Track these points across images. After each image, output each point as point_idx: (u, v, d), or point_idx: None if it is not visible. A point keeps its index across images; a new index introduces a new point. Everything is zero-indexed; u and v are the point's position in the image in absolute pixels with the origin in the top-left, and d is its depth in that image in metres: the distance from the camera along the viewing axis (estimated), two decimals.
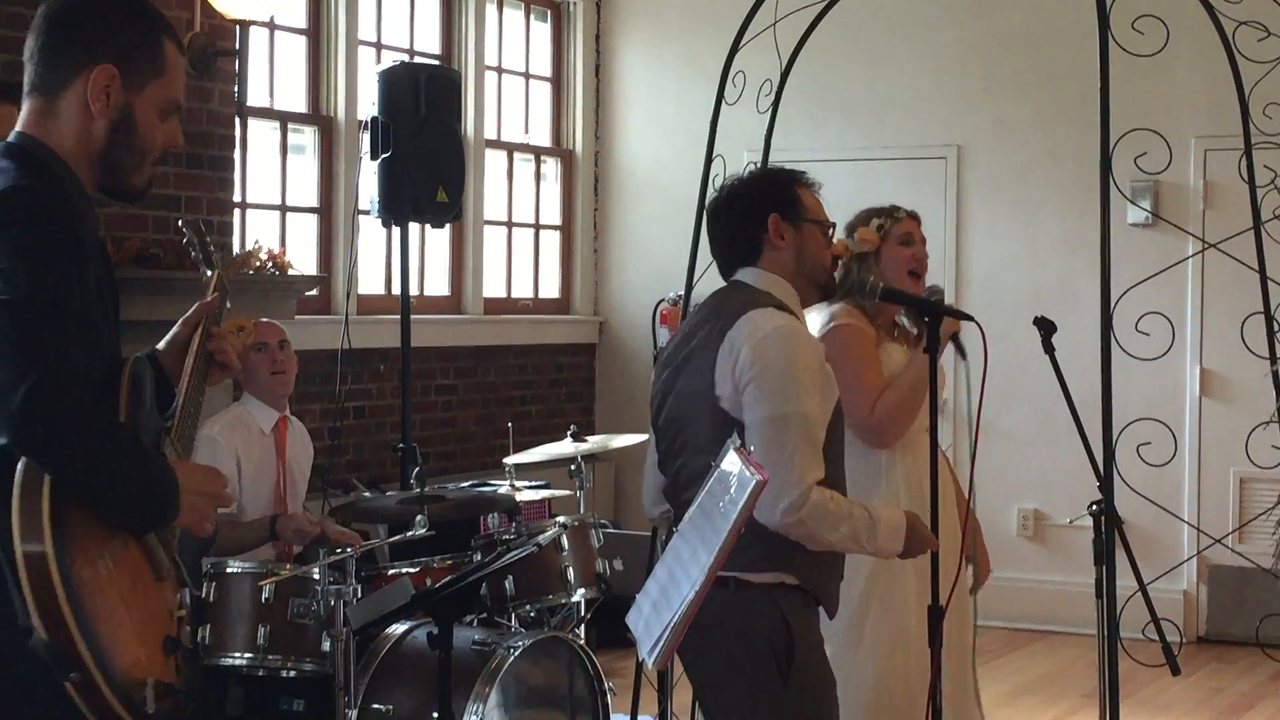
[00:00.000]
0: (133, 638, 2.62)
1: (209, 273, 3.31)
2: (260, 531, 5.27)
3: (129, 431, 2.68)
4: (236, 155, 7.31)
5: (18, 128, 2.76)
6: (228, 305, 3.25)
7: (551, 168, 9.90)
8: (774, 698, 3.60)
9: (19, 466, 2.55)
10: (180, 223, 3.56)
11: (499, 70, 9.40)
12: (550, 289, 9.89)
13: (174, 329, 3.10)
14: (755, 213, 3.77)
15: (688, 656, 3.70)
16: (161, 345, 3.09)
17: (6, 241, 2.56)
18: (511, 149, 9.53)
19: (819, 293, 3.89)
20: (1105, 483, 4.51)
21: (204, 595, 4.83)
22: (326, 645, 4.84)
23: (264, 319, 5.75)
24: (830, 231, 3.86)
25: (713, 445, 3.43)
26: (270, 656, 4.86)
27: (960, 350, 4.43)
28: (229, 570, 4.91)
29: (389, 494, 6.16)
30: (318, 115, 8.18)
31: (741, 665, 3.60)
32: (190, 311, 3.11)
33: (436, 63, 8.74)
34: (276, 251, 7.24)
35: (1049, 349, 4.40)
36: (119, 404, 2.71)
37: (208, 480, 2.82)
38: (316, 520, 5.44)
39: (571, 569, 5.35)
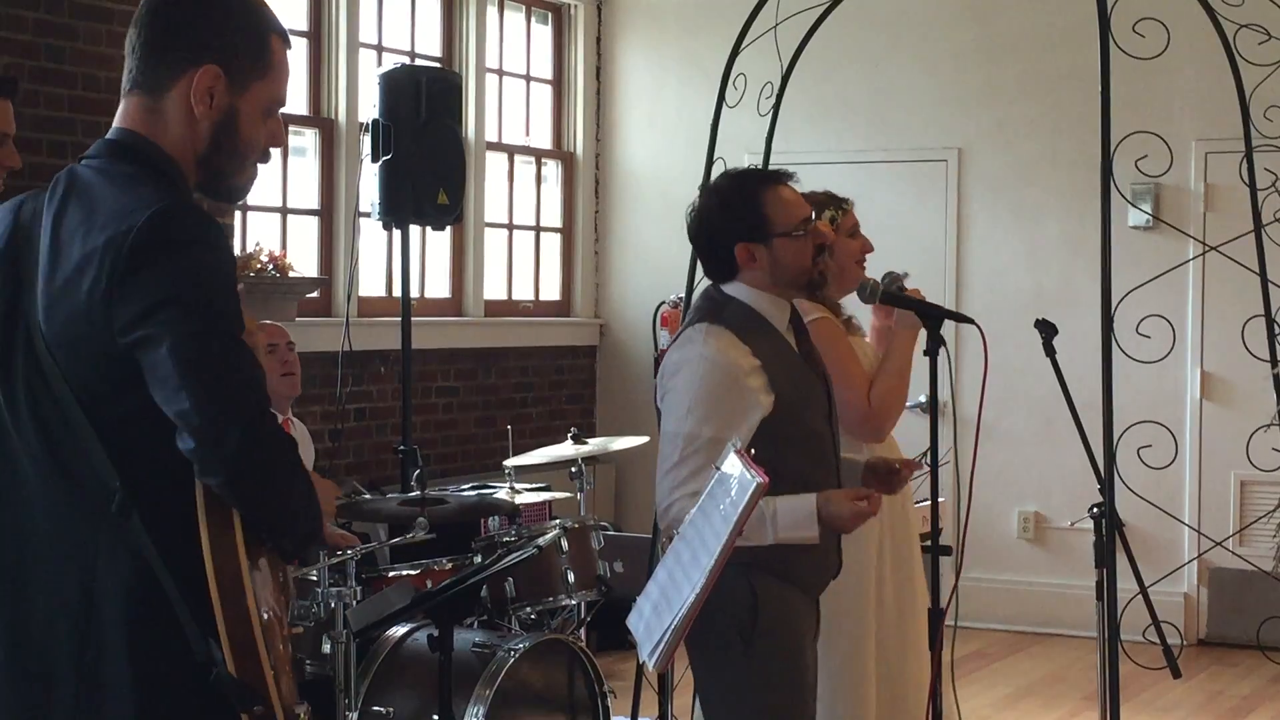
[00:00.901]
0: (288, 660, 2.55)
1: None
2: None
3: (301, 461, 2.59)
4: None
5: (120, 123, 2.63)
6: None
7: (552, 170, 9.91)
8: (736, 666, 3.66)
9: (199, 488, 2.45)
10: None
11: (500, 73, 9.41)
12: (551, 291, 9.89)
13: None
14: (721, 245, 3.81)
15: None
16: None
17: (175, 264, 2.44)
18: (512, 151, 9.53)
19: (803, 290, 3.92)
20: (1106, 485, 4.51)
21: None
22: (327, 647, 4.84)
23: (267, 321, 5.75)
24: (807, 225, 3.83)
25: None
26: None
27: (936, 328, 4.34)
28: None
29: (389, 496, 6.15)
30: (319, 117, 8.18)
31: (707, 633, 3.62)
32: None
33: (437, 65, 8.74)
34: (277, 254, 7.25)
35: (1050, 351, 4.40)
36: None
37: (330, 499, 2.73)
38: (336, 487, 5.43)
39: (572, 571, 5.35)
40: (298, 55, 8.12)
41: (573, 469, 6.19)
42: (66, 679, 2.49)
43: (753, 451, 3.18)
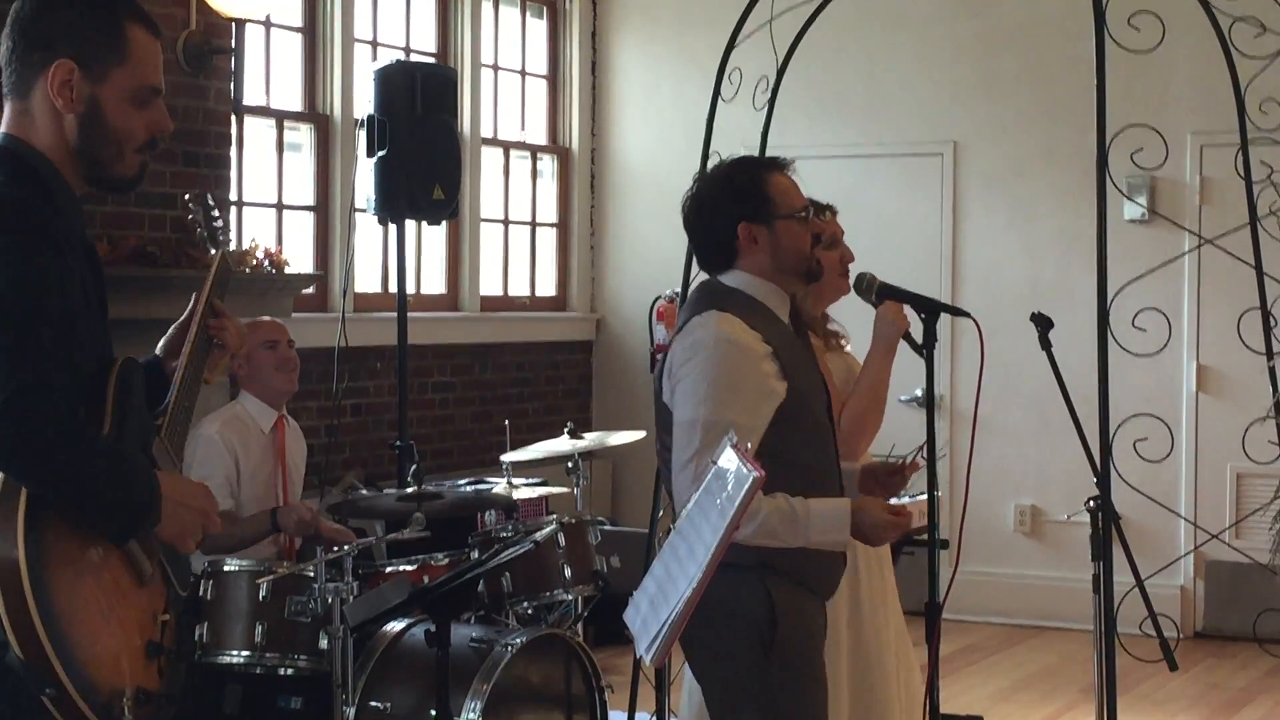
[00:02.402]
0: (111, 647, 2.59)
1: (213, 251, 3.24)
2: (260, 525, 5.25)
3: (105, 441, 2.64)
4: (232, 153, 7.31)
5: (2, 129, 2.75)
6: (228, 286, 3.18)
7: (548, 165, 9.90)
8: (755, 673, 3.62)
9: None
10: (187, 197, 3.50)
11: (495, 68, 9.40)
12: (547, 286, 9.89)
13: (168, 333, 3.08)
14: (723, 223, 3.75)
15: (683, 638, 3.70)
16: (159, 350, 3.06)
17: None
18: (508, 146, 9.53)
19: (803, 280, 3.87)
20: (1102, 478, 4.52)
21: (201, 593, 4.84)
22: (324, 643, 4.84)
23: (267, 317, 5.74)
24: (808, 215, 3.83)
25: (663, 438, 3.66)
26: (268, 654, 4.86)
27: (916, 348, 4.30)
28: (226, 568, 4.91)
29: (386, 491, 6.15)
30: (314, 113, 8.18)
31: (723, 640, 3.61)
32: (184, 314, 3.08)
33: (433, 60, 8.74)
34: (273, 250, 7.24)
35: (1046, 345, 4.40)
36: (106, 406, 2.68)
37: (195, 495, 2.78)
38: (315, 509, 5.44)
39: (569, 566, 5.35)
40: (293, 51, 8.11)
41: (569, 464, 6.19)
42: None
43: (749, 446, 3.17)
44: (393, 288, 7.53)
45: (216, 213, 3.44)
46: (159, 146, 2.81)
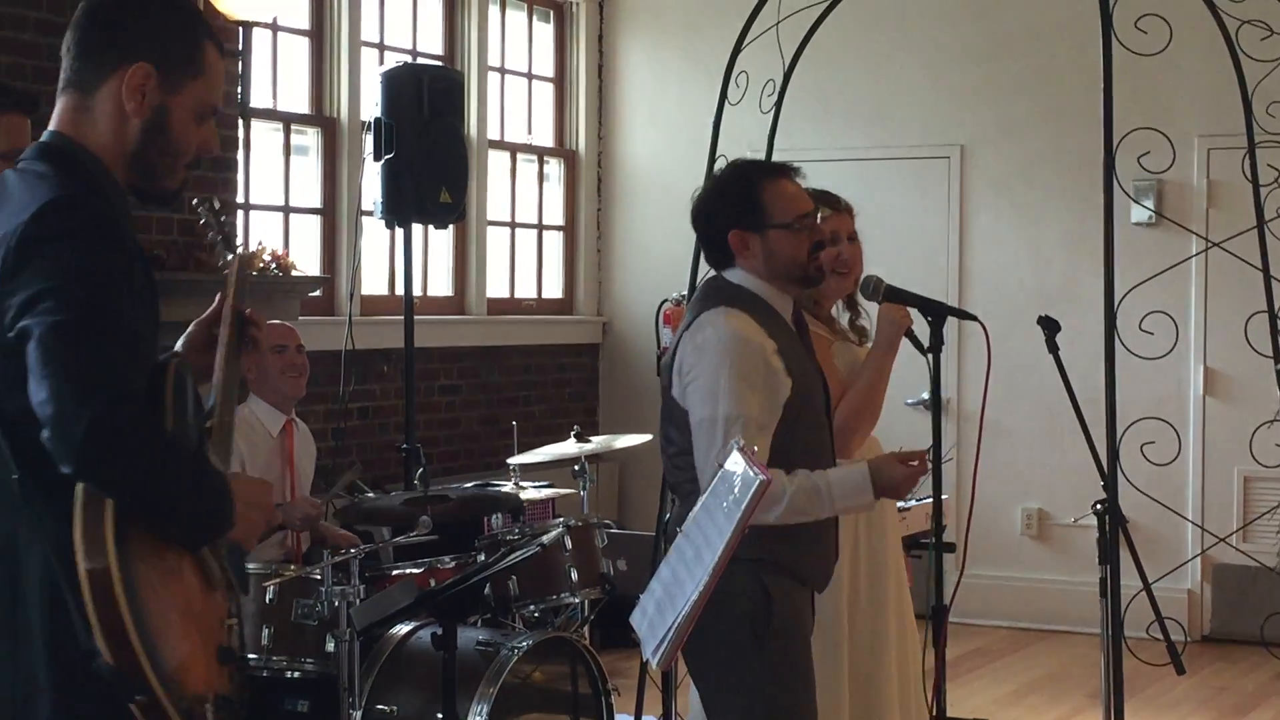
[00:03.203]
0: (192, 652, 2.55)
1: (228, 256, 3.18)
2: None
3: (186, 449, 2.61)
4: (240, 156, 7.32)
5: (52, 125, 2.69)
6: (248, 291, 3.14)
7: (555, 168, 9.90)
8: (748, 664, 3.64)
9: (79, 484, 2.48)
10: (195, 202, 3.42)
11: (502, 71, 9.40)
12: (553, 289, 9.89)
13: (189, 329, 3.03)
14: (716, 231, 3.82)
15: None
16: (180, 347, 3.02)
17: (54, 257, 2.49)
18: (514, 149, 9.53)
19: (799, 286, 3.88)
20: (1109, 482, 4.51)
21: None
22: (331, 646, 4.84)
23: (275, 321, 5.75)
24: (804, 224, 3.82)
25: (682, 441, 3.68)
26: (275, 657, 4.87)
27: (919, 346, 4.29)
28: None
29: (393, 494, 6.16)
30: (321, 116, 8.18)
31: (717, 630, 3.61)
32: (209, 310, 3.03)
33: (439, 63, 8.74)
34: (280, 252, 7.25)
35: (1053, 348, 4.40)
36: (164, 410, 2.63)
37: (260, 493, 2.75)
38: (319, 505, 5.43)
39: (575, 569, 5.35)
40: (300, 54, 8.12)
41: (576, 467, 6.19)
42: (4, 664, 2.57)
43: (755, 449, 3.17)
44: (399, 291, 7.53)
45: (226, 217, 3.42)
46: (198, 166, 2.80)
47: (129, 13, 2.68)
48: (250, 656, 4.83)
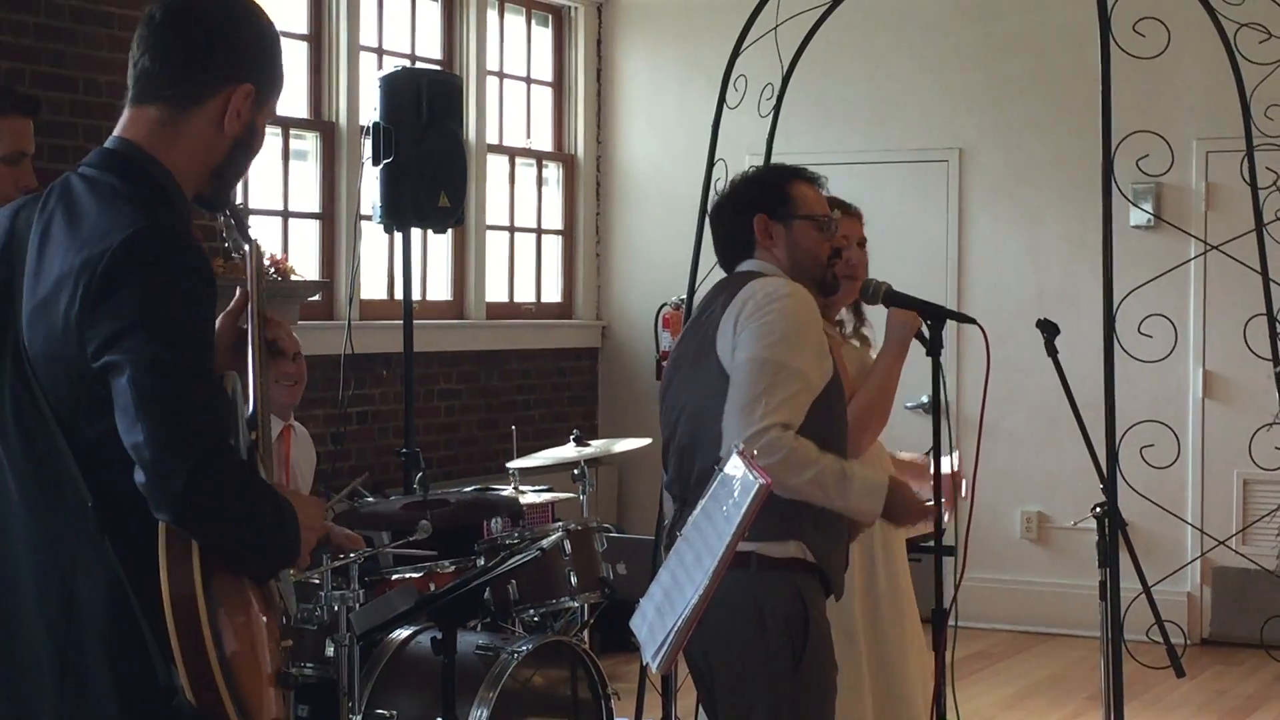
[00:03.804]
0: (263, 684, 2.50)
1: (244, 246, 3.03)
2: None
3: (268, 485, 2.56)
4: None
5: (122, 133, 2.61)
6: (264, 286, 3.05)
7: (553, 172, 9.91)
8: (784, 678, 3.62)
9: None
10: None
11: (500, 75, 9.41)
12: (552, 293, 9.89)
13: (216, 327, 2.91)
14: (742, 215, 3.84)
15: (699, 636, 3.66)
16: None
17: (146, 290, 2.41)
18: (513, 154, 9.53)
19: (816, 288, 3.88)
20: (1108, 485, 4.51)
21: None
22: (330, 650, 4.83)
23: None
24: (828, 224, 3.86)
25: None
26: None
27: (927, 345, 4.28)
28: None
29: (392, 499, 6.15)
30: (319, 120, 8.18)
31: (757, 646, 3.61)
32: (233, 303, 2.91)
33: (438, 68, 8.74)
34: (279, 257, 7.24)
35: (1052, 351, 4.40)
36: (233, 432, 2.58)
37: (315, 514, 2.69)
38: (322, 502, 5.41)
39: (575, 574, 5.34)
40: (298, 59, 8.12)
41: (575, 471, 6.18)
42: (49, 694, 2.48)
43: (754, 454, 3.17)
44: (399, 295, 7.53)
45: (239, 202, 3.30)
46: None
47: (233, 31, 2.63)
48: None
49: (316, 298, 7.79)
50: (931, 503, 4.07)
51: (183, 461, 2.36)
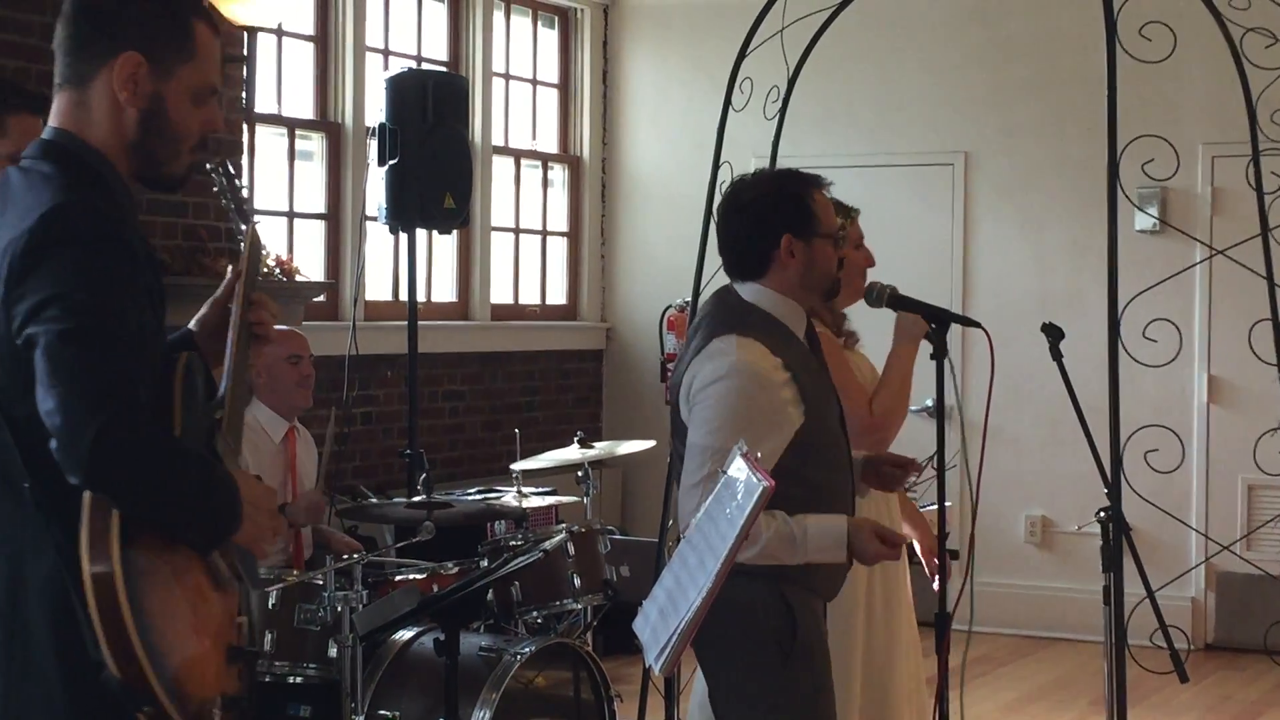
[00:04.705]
0: (198, 656, 2.54)
1: (243, 228, 3.07)
2: None
3: (194, 451, 2.60)
4: (244, 161, 7.32)
5: (52, 122, 2.67)
6: (263, 270, 3.05)
7: (559, 174, 9.91)
8: (774, 677, 3.62)
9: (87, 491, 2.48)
10: (209, 166, 3.20)
11: (506, 77, 9.41)
12: (557, 295, 9.89)
13: (203, 310, 2.98)
14: (768, 230, 3.74)
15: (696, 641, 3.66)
16: (193, 326, 2.98)
17: (60, 264, 2.47)
18: (519, 155, 9.54)
19: (823, 298, 3.90)
20: (1113, 489, 4.51)
21: None
22: (333, 651, 4.84)
23: (284, 326, 5.74)
24: (843, 239, 3.87)
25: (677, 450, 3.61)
26: (277, 662, 4.87)
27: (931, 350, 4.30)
28: None
29: (396, 500, 6.16)
30: (325, 121, 8.19)
31: (743, 646, 3.61)
32: (220, 289, 2.96)
33: (444, 69, 8.75)
34: (284, 258, 7.25)
35: (1056, 355, 4.39)
36: (173, 406, 2.62)
37: (267, 496, 2.72)
38: (323, 497, 5.41)
39: (578, 575, 5.35)
40: (305, 59, 8.13)
41: (579, 473, 6.19)
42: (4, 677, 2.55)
43: (758, 456, 3.17)
44: (403, 296, 7.54)
45: (240, 182, 3.27)
46: (208, 145, 2.77)
47: (113, 3, 2.65)
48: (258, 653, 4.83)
49: (321, 298, 7.80)
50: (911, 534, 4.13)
51: (90, 421, 2.41)
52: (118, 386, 2.45)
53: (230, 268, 2.97)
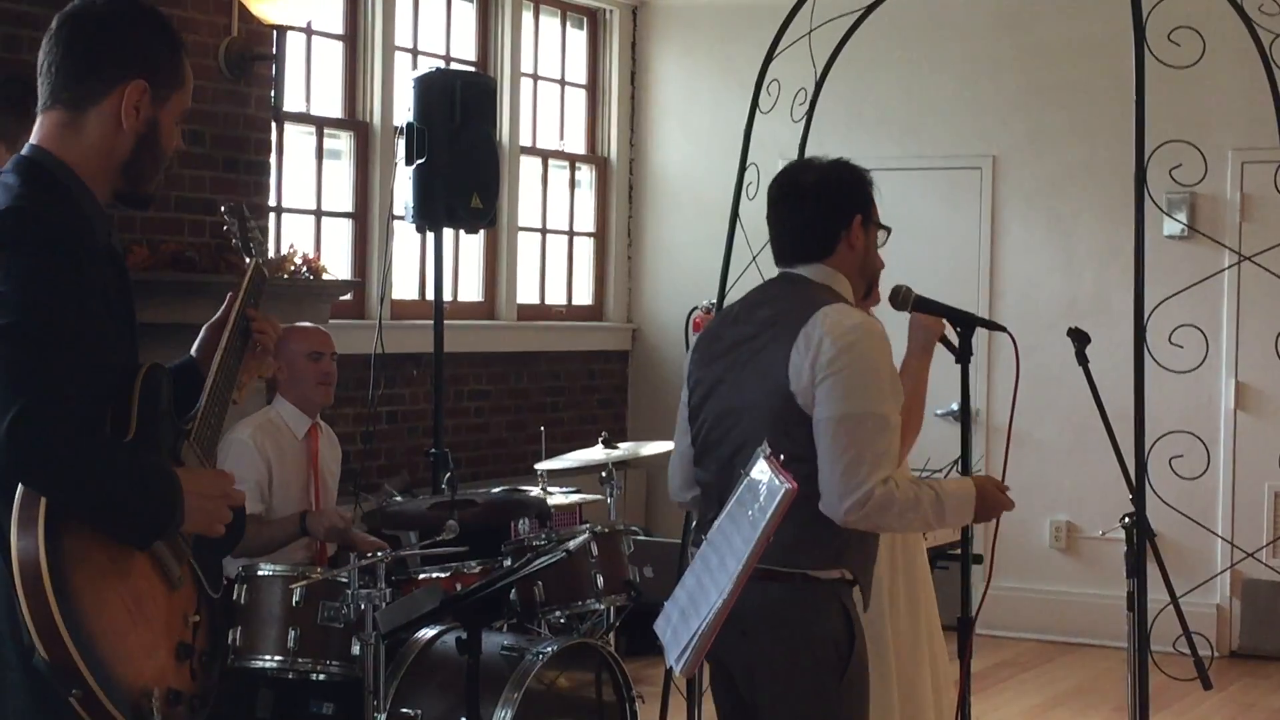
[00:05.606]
0: (137, 647, 2.62)
1: (247, 260, 3.29)
2: (289, 528, 5.26)
3: (124, 450, 2.65)
4: (272, 160, 7.34)
5: (34, 140, 2.76)
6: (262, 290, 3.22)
7: (586, 175, 9.92)
8: (830, 692, 3.59)
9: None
10: (223, 209, 3.57)
11: (535, 77, 9.42)
12: (583, 296, 9.90)
13: (201, 334, 3.10)
14: (842, 210, 3.73)
15: (741, 650, 3.61)
16: (194, 351, 3.08)
17: (6, 265, 2.56)
18: (546, 156, 9.55)
19: (866, 291, 3.88)
20: (1138, 495, 4.50)
21: (235, 597, 4.85)
22: (356, 649, 4.85)
23: (308, 324, 5.75)
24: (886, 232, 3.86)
25: (774, 439, 3.41)
26: (300, 660, 4.87)
27: (950, 348, 4.26)
28: (260, 573, 4.92)
29: (420, 498, 6.17)
30: (354, 120, 8.21)
31: (805, 661, 3.57)
32: (218, 314, 3.10)
33: (472, 69, 8.76)
34: (311, 256, 7.27)
35: (1082, 360, 4.39)
36: (130, 412, 2.69)
37: (214, 483, 2.81)
38: (348, 517, 5.44)
39: (601, 576, 5.35)
40: (334, 58, 8.15)
41: (603, 473, 6.19)
42: None
43: (781, 457, 3.16)
44: (430, 295, 7.55)
45: (253, 222, 3.51)
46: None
47: (119, 31, 2.76)
48: (275, 659, 4.85)
49: (348, 297, 7.82)
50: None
51: (8, 408, 2.49)
52: (44, 379, 2.52)
53: (228, 296, 3.11)
